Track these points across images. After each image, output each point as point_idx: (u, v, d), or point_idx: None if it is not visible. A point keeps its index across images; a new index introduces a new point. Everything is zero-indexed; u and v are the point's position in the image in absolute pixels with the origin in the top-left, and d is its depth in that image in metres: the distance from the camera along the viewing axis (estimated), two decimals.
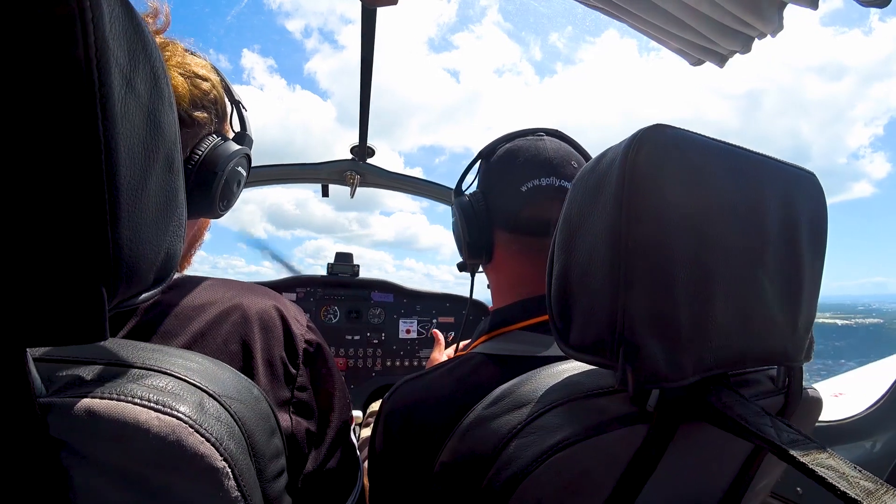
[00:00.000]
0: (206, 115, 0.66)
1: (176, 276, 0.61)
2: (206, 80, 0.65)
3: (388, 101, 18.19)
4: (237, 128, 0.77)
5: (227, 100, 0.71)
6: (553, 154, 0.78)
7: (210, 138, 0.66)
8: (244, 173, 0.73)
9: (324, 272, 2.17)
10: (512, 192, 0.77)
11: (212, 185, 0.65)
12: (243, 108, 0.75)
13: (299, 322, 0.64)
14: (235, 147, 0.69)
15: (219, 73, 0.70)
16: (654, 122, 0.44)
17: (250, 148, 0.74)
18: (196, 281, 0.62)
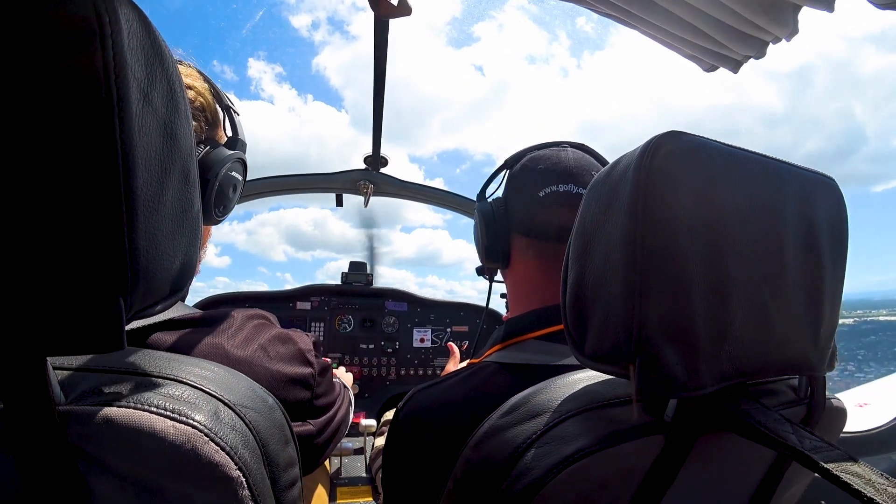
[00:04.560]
0: (194, 123, 0.65)
1: (197, 312, 0.62)
2: (190, 88, 0.66)
3: (406, 100, 17.02)
4: (231, 133, 0.76)
5: (217, 106, 0.72)
6: (573, 163, 0.80)
7: (200, 147, 0.67)
8: (239, 178, 0.73)
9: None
10: (530, 197, 0.79)
11: (205, 192, 0.65)
12: (235, 112, 0.75)
13: (309, 351, 0.69)
14: (228, 152, 0.69)
15: (207, 80, 0.70)
16: (671, 129, 0.43)
17: (244, 152, 0.74)
18: (223, 320, 0.63)
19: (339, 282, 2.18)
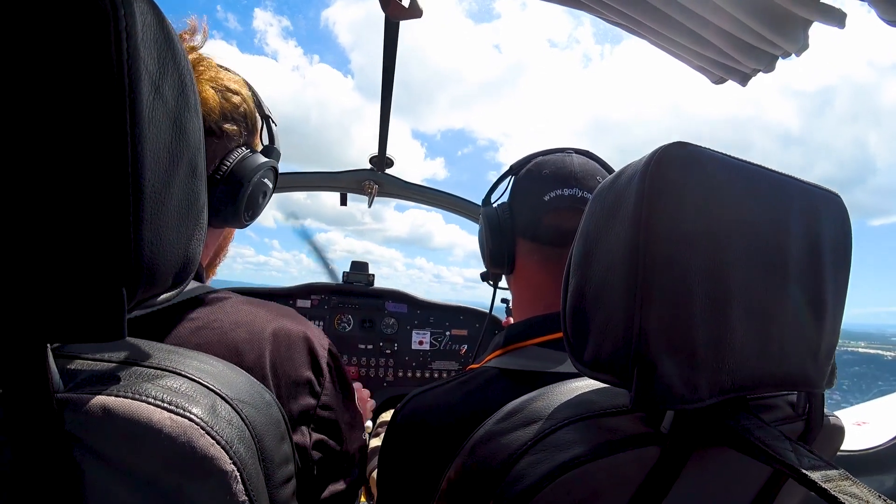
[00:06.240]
0: (235, 127, 0.68)
1: (213, 291, 0.64)
2: (237, 94, 0.68)
3: (416, 70, 16.67)
4: (267, 141, 0.80)
5: (257, 114, 0.74)
6: (578, 168, 0.80)
7: (239, 150, 0.69)
8: (270, 185, 0.75)
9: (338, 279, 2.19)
10: (535, 202, 0.79)
11: (238, 195, 0.67)
12: (273, 122, 0.78)
13: (322, 347, 0.68)
14: (263, 159, 0.71)
15: (251, 89, 0.73)
16: (679, 139, 0.43)
17: (278, 161, 0.77)
18: (235, 300, 0.64)
19: (339, 280, 2.18)
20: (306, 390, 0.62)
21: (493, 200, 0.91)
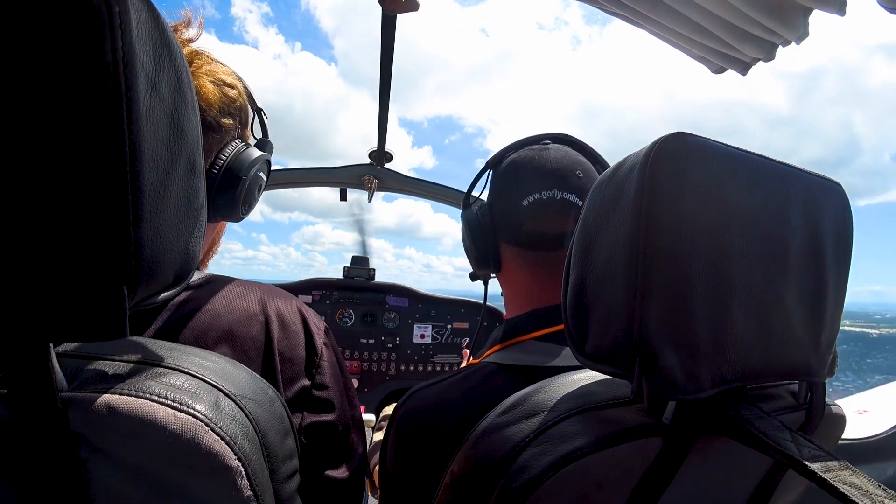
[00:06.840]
0: (232, 121, 0.68)
1: (204, 274, 0.64)
2: (233, 87, 0.68)
3: (402, 57, 16.96)
4: (259, 135, 0.80)
5: (249, 107, 0.74)
6: (556, 165, 0.77)
7: (234, 144, 0.69)
8: (264, 178, 0.75)
9: (334, 272, 2.19)
10: (514, 207, 0.77)
11: (236, 189, 0.67)
12: (265, 115, 0.78)
13: (318, 327, 0.68)
14: (258, 153, 0.71)
15: (242, 81, 0.73)
16: (677, 130, 0.43)
17: (271, 153, 0.77)
18: (224, 280, 0.64)
19: (340, 275, 2.19)
20: (302, 371, 0.62)
21: (473, 196, 0.90)
